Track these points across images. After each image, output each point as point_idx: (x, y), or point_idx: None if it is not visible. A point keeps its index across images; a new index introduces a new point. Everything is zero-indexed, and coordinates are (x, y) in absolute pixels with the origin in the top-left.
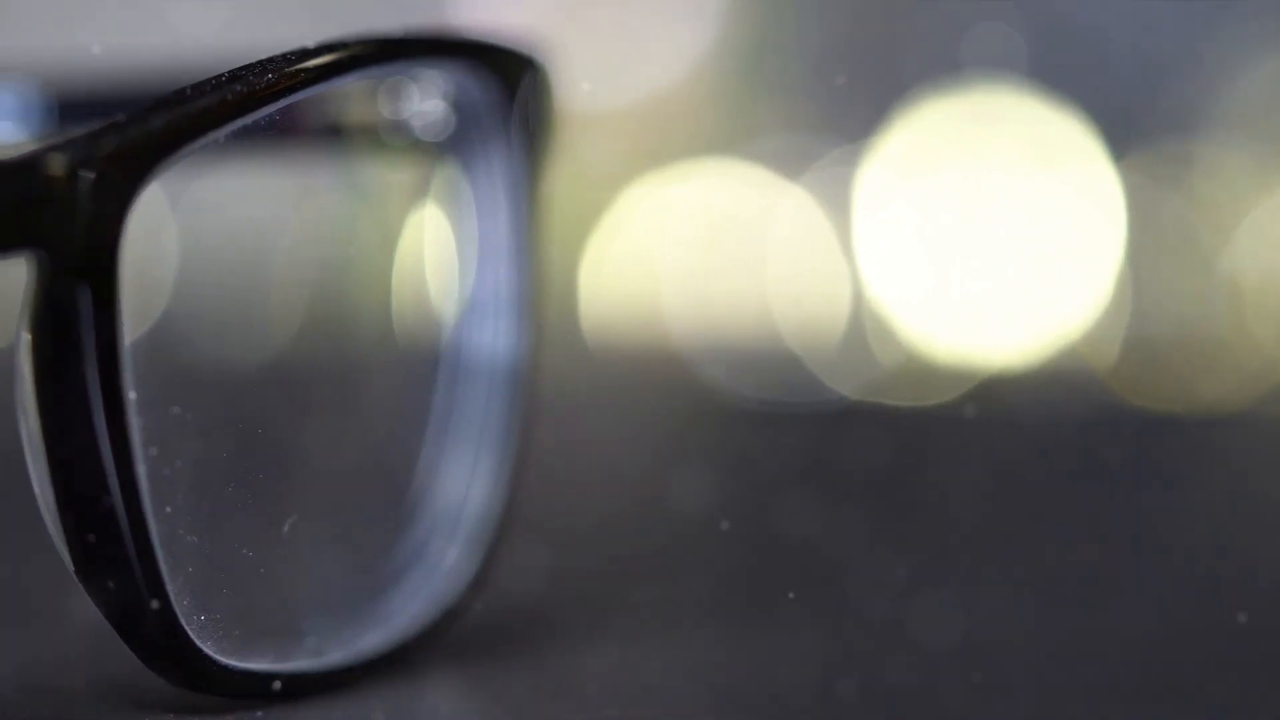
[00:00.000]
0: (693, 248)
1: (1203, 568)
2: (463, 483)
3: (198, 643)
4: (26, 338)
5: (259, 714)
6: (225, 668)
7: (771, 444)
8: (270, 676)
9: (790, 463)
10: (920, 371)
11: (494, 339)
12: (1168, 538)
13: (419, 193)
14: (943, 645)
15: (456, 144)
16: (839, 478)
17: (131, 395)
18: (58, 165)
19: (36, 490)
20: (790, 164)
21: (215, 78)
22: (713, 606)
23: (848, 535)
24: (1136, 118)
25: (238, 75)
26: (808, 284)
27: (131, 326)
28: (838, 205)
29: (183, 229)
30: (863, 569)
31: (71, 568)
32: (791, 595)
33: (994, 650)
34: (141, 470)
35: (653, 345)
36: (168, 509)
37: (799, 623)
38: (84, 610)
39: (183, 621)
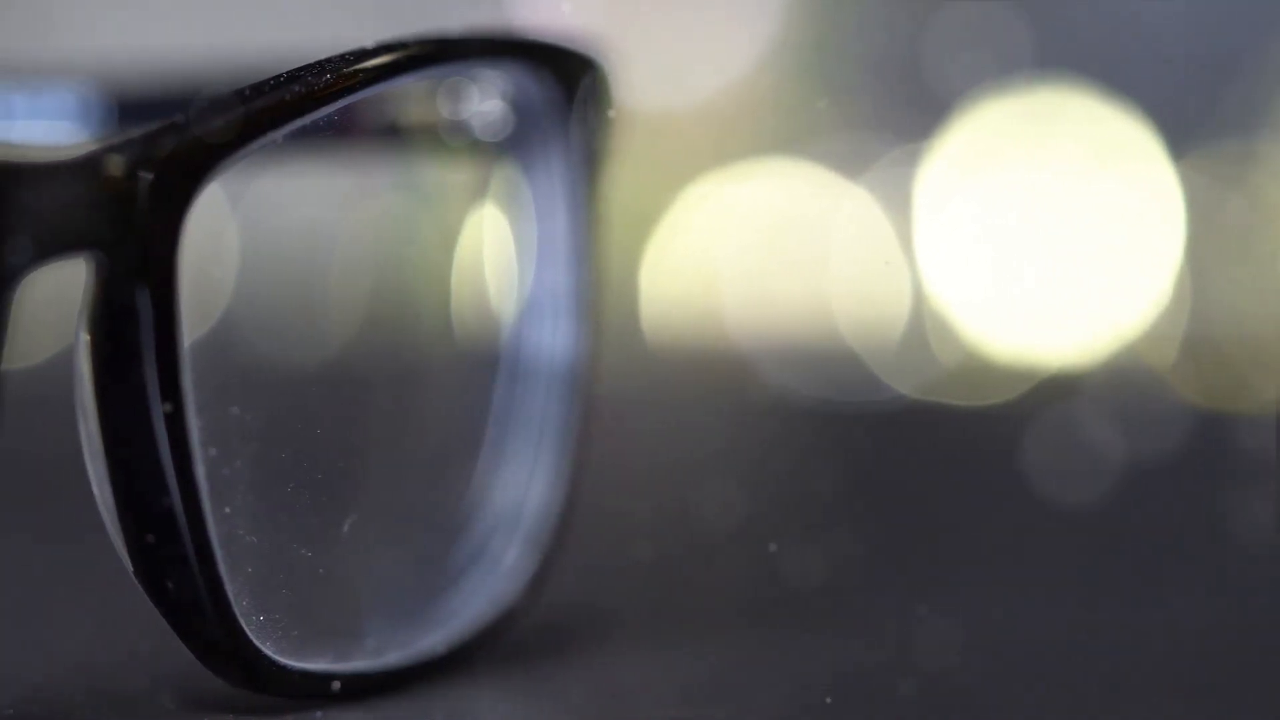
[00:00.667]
0: (753, 248)
1: (1265, 567)
2: (522, 483)
3: (257, 643)
4: (85, 339)
5: (318, 714)
6: (284, 668)
7: (830, 443)
8: (329, 677)
9: (849, 462)
10: (980, 370)
11: (553, 339)
12: (1229, 536)
13: (478, 193)
14: (1002, 647)
15: (516, 144)
16: (898, 477)
17: (190, 396)
18: (116, 166)
19: (95, 491)
20: (850, 164)
21: (274, 78)
22: (775, 609)
23: (905, 535)
24: (1197, 117)
25: (296, 75)
26: (868, 283)
27: (191, 327)
28: (898, 205)
29: (242, 230)
30: (920, 569)
31: (130, 568)
32: (851, 595)
33: (1050, 651)
34: (200, 471)
35: (713, 345)
36: (227, 509)
37: (861, 623)
38: (143, 611)
39: (242, 622)
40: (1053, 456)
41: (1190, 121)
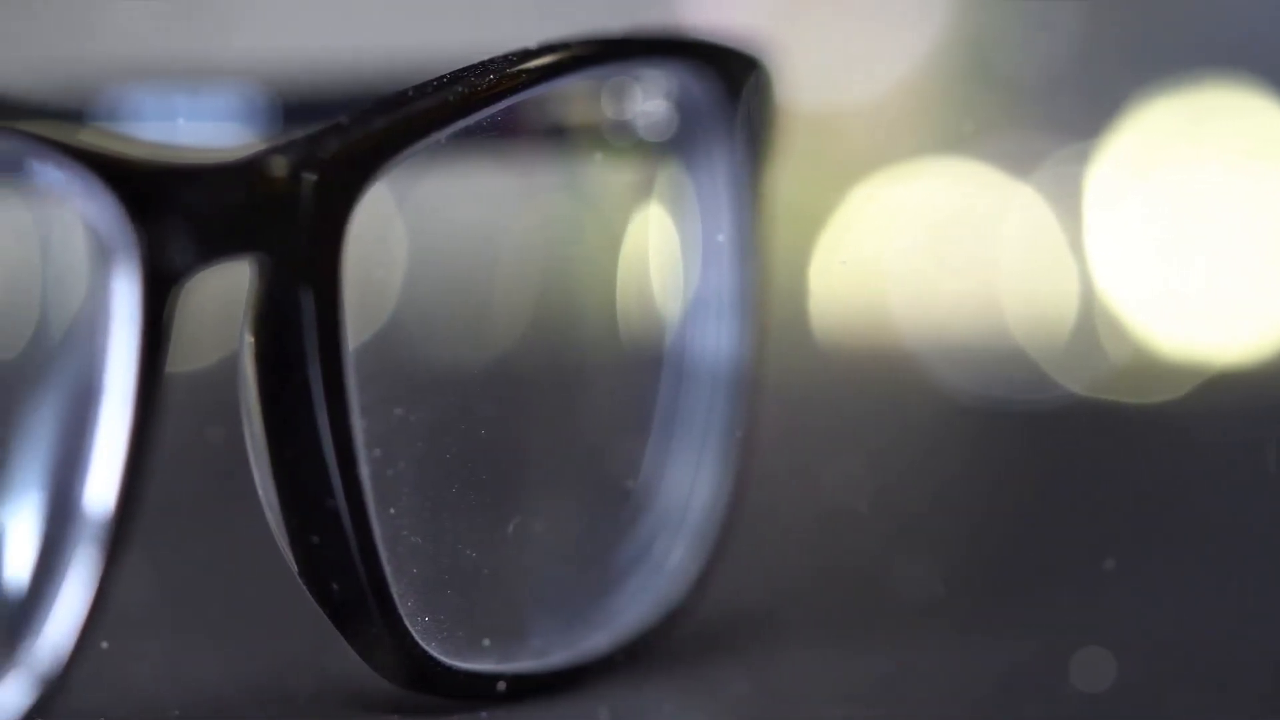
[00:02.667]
0: (921, 247)
1: None
2: (687, 483)
3: (422, 644)
4: (250, 340)
5: (483, 715)
6: (449, 669)
7: (999, 441)
8: (494, 677)
9: (1017, 460)
10: (1149, 367)
11: (718, 339)
12: None
13: (643, 193)
14: (1169, 648)
15: (680, 144)
16: (1067, 475)
17: (355, 397)
18: (280, 167)
19: (260, 492)
20: (1019, 162)
21: (437, 79)
22: (939, 609)
23: (1072, 535)
24: None
25: (459, 76)
26: (1037, 282)
27: (358, 328)
28: (1067, 204)
29: (408, 231)
30: (1085, 569)
31: (295, 569)
32: (1016, 595)
33: (1218, 653)
34: (365, 472)
35: (883, 343)
36: (391, 510)
37: (1025, 626)
38: (307, 612)
39: (406, 622)
40: (1223, 453)
41: None
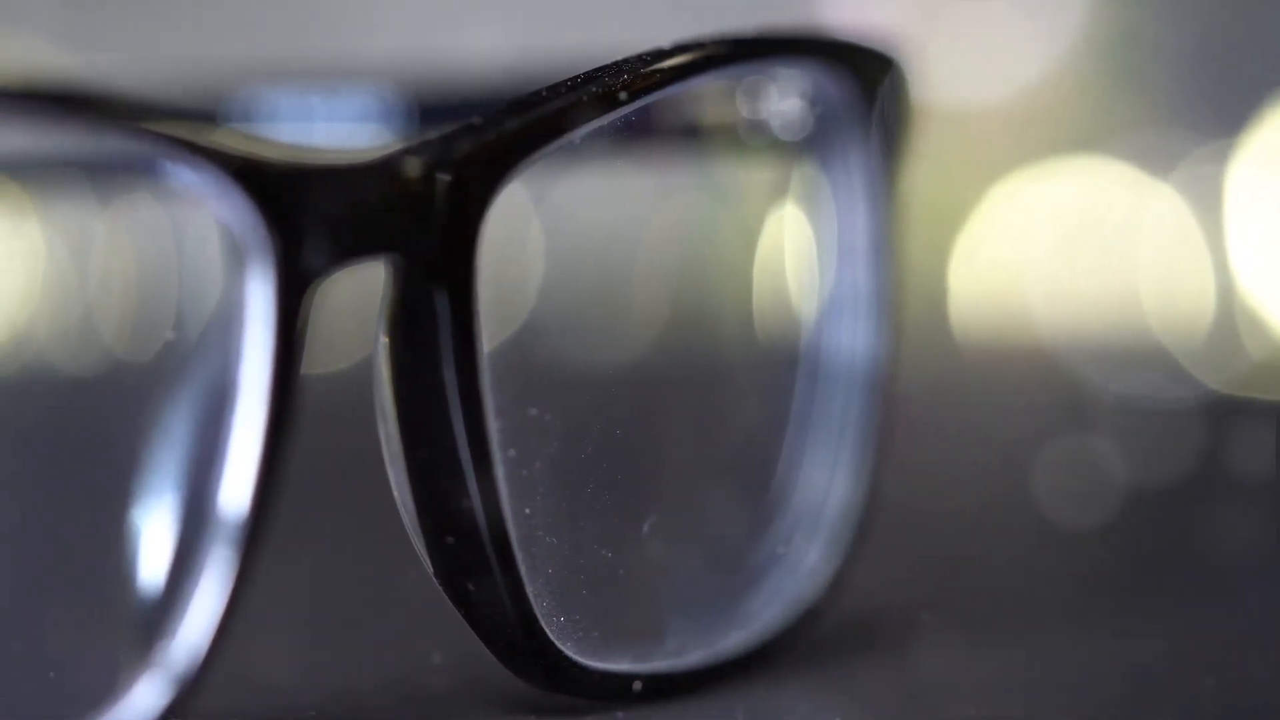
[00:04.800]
0: (1060, 246)
1: None
2: (823, 483)
3: (557, 644)
4: (384, 341)
5: (619, 715)
6: (585, 669)
7: (1138, 438)
8: (630, 677)
9: (1156, 457)
10: None
11: (854, 338)
12: None
13: (778, 192)
14: None
15: (815, 143)
16: (1203, 473)
17: (489, 397)
18: (413, 168)
19: (395, 493)
20: (1158, 161)
21: (570, 79)
22: (1075, 608)
23: (1211, 533)
24: None
25: (593, 76)
26: (1176, 280)
27: (494, 329)
28: (1207, 202)
29: (542, 231)
30: (1224, 568)
31: (431, 570)
32: (1154, 597)
33: None
34: (500, 472)
35: (1023, 342)
36: (527, 511)
37: (1162, 625)
38: (444, 612)
39: (542, 623)
40: None
41: None
